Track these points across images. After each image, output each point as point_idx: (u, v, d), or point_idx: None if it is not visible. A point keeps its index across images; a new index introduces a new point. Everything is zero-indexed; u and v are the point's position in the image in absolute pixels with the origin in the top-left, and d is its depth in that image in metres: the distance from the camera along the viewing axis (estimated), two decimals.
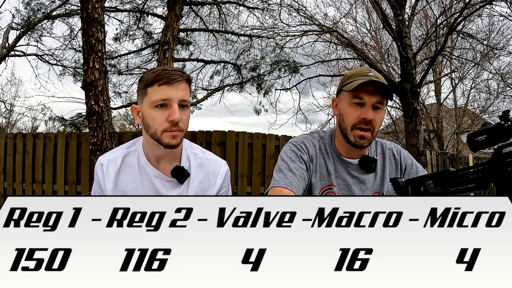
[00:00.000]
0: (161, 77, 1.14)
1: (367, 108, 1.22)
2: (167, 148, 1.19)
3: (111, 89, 7.25)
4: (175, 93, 1.15)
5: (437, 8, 7.41)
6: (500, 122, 0.83)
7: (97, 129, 3.36)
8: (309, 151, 1.30)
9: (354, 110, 1.24)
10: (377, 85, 1.21)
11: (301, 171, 1.24)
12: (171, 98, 1.15)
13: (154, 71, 1.17)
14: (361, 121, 1.22)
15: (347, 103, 1.26)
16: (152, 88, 1.16)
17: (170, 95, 1.15)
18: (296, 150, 1.29)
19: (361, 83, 1.20)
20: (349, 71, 1.43)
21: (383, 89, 1.22)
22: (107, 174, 1.28)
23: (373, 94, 1.21)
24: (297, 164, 1.25)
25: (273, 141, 4.56)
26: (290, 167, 1.24)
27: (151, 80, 1.15)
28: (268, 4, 7.21)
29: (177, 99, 1.16)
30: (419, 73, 6.53)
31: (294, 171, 1.23)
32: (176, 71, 1.19)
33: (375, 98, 1.22)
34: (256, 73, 7.62)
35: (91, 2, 3.32)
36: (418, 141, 5.68)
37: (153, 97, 1.15)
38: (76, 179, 4.32)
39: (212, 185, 1.32)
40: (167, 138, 1.17)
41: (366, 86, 1.21)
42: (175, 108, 1.15)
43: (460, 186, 0.93)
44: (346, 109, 1.26)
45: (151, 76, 1.16)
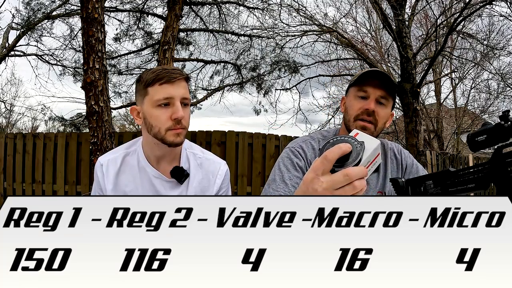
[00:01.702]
0: (162, 76, 1.15)
1: (370, 100, 1.23)
2: (171, 147, 1.20)
3: (111, 89, 7.26)
4: (177, 91, 1.16)
5: (437, 8, 7.41)
6: (500, 122, 0.83)
7: (97, 129, 3.36)
8: (306, 156, 1.30)
9: (357, 102, 1.25)
10: (382, 80, 1.22)
11: (296, 180, 1.24)
12: (174, 96, 1.16)
13: (154, 71, 1.18)
14: (363, 112, 1.23)
15: (353, 97, 1.28)
16: (153, 87, 1.16)
17: (172, 94, 1.16)
18: (293, 157, 1.29)
19: (366, 74, 1.22)
20: (359, 71, 1.46)
21: (388, 84, 1.23)
22: (107, 174, 1.28)
23: (378, 88, 1.23)
24: (291, 173, 1.25)
25: (273, 141, 4.55)
26: (284, 178, 1.23)
27: (152, 80, 1.16)
28: (268, 4, 7.22)
29: (179, 97, 1.17)
30: (419, 73, 6.53)
31: (287, 181, 1.22)
32: (175, 69, 1.19)
33: (379, 92, 1.23)
34: (256, 73, 7.62)
35: (91, 2, 3.32)
36: (418, 141, 5.68)
37: (156, 96, 1.16)
38: (76, 179, 4.32)
39: (212, 185, 1.32)
40: (171, 136, 1.17)
41: (371, 80, 1.23)
42: (178, 106, 1.16)
43: (460, 186, 0.93)
44: (351, 102, 1.28)
45: (151, 76, 1.16)
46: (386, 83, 1.22)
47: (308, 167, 1.29)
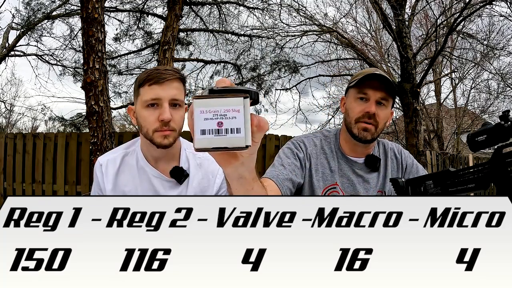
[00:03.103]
0: (152, 77, 1.15)
1: (370, 102, 1.24)
2: (159, 148, 1.19)
3: (111, 89, 7.26)
4: (166, 92, 1.15)
5: (437, 8, 7.42)
6: (500, 122, 0.83)
7: (97, 129, 3.36)
8: (307, 149, 1.31)
9: (358, 105, 1.26)
10: (382, 81, 1.23)
11: (293, 167, 1.25)
12: (161, 98, 1.15)
13: (147, 71, 1.18)
14: (364, 115, 1.24)
15: (353, 99, 1.28)
16: (144, 88, 1.16)
17: (160, 95, 1.15)
18: (293, 148, 1.31)
19: (365, 77, 1.23)
20: (358, 71, 1.46)
21: (387, 85, 1.23)
22: (106, 174, 1.28)
23: (378, 90, 1.23)
24: (290, 160, 1.27)
25: (273, 141, 4.56)
26: (283, 162, 1.25)
27: (143, 80, 1.16)
28: (268, 4, 7.22)
29: (167, 98, 1.15)
30: (419, 73, 6.53)
31: (286, 166, 1.24)
32: (168, 70, 1.18)
33: (379, 94, 1.23)
34: (256, 73, 7.62)
35: (91, 2, 3.32)
36: (418, 141, 5.68)
37: (144, 97, 1.16)
38: (76, 179, 4.32)
39: (212, 185, 1.32)
40: (158, 138, 1.17)
41: (371, 81, 1.23)
42: (165, 107, 1.15)
43: (460, 186, 0.93)
44: (351, 104, 1.29)
45: (143, 76, 1.17)
46: (386, 84, 1.23)
47: (307, 160, 1.30)
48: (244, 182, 0.67)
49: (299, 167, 1.27)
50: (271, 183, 1.15)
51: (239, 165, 0.62)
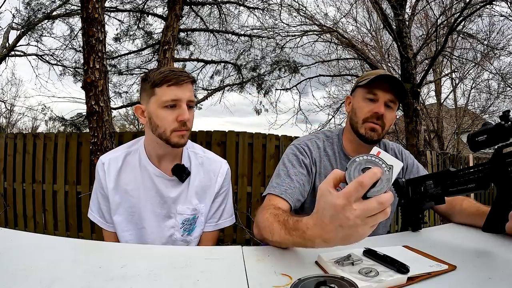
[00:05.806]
0: (170, 78, 1.16)
1: (380, 103, 1.23)
2: (174, 147, 1.22)
3: (111, 89, 7.26)
4: (184, 94, 1.18)
5: (437, 8, 7.40)
6: (501, 122, 0.83)
7: (97, 129, 3.36)
8: (312, 154, 1.30)
9: (367, 105, 1.25)
10: (392, 83, 1.23)
11: (300, 176, 1.23)
12: (181, 99, 1.18)
13: (162, 72, 1.19)
14: (373, 115, 1.24)
15: (361, 98, 1.27)
16: (161, 88, 1.17)
17: (180, 96, 1.17)
18: (298, 154, 1.29)
19: (376, 77, 1.22)
20: (366, 72, 1.46)
21: (397, 88, 1.23)
22: (109, 173, 1.28)
23: (387, 91, 1.23)
24: (297, 169, 1.24)
25: (273, 141, 4.55)
26: (289, 173, 1.23)
27: (160, 81, 1.17)
28: (268, 4, 7.21)
29: (185, 99, 1.19)
30: (419, 73, 6.52)
31: (292, 176, 1.22)
32: (183, 72, 1.21)
33: (389, 96, 1.23)
34: (256, 73, 7.61)
35: (91, 2, 3.31)
36: (418, 141, 5.67)
37: (163, 98, 1.17)
38: (76, 179, 4.31)
39: (213, 184, 1.32)
40: (175, 138, 1.19)
41: (381, 83, 1.23)
42: (184, 108, 1.18)
43: (461, 186, 0.93)
44: (360, 104, 1.28)
45: (159, 76, 1.17)
46: (395, 87, 1.23)
47: (312, 165, 1.29)
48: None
49: (306, 174, 1.25)
50: (280, 201, 1.13)
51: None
